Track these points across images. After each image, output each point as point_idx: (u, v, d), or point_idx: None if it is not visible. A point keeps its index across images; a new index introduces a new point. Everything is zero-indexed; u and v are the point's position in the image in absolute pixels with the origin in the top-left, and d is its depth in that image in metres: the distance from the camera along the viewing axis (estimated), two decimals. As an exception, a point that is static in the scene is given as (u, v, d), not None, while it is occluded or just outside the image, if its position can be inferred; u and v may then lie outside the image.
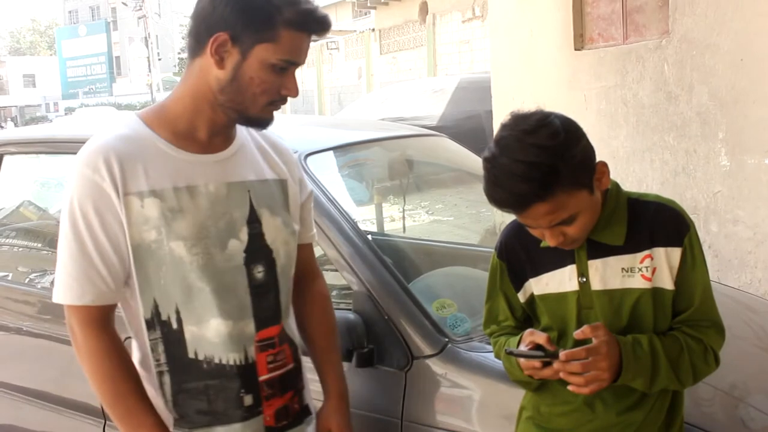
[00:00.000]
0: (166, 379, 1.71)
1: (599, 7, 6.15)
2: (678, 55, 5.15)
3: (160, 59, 47.22)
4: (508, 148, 1.57)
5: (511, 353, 1.67)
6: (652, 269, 1.68)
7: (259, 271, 1.72)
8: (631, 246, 1.69)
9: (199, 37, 1.62)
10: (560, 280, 1.73)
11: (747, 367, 2.51)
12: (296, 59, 1.65)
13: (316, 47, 28.99)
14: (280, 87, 1.65)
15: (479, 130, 8.30)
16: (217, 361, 1.69)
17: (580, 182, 1.60)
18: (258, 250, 1.72)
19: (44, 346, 2.99)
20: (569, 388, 1.62)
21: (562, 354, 1.59)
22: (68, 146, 3.35)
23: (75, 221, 1.61)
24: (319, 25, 1.66)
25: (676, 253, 1.68)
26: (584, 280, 1.71)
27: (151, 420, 1.66)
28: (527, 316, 1.84)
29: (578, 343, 1.64)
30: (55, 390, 2.94)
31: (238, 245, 1.69)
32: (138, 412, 1.66)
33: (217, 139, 1.71)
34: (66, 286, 1.64)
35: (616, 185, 1.74)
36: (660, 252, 1.68)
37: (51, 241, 3.64)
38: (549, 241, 1.65)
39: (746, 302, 3.11)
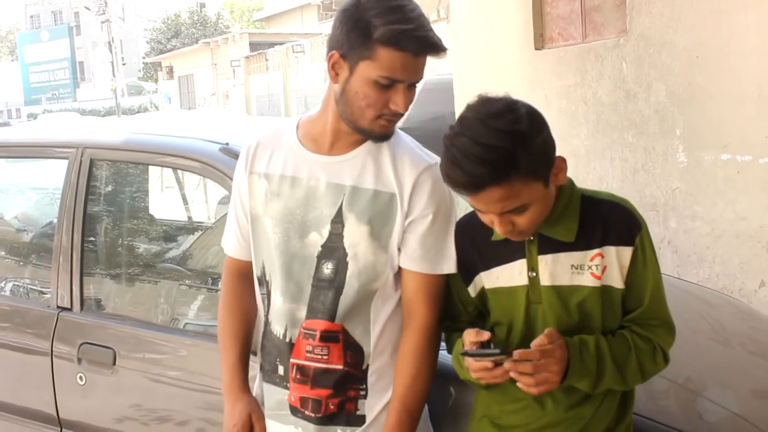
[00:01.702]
0: (264, 329, 1.97)
1: (558, 7, 6.20)
2: (636, 53, 5.20)
3: (124, 64, 46.88)
4: (471, 128, 1.57)
5: (465, 353, 1.65)
6: (602, 267, 1.68)
7: (328, 268, 1.85)
8: (582, 243, 1.69)
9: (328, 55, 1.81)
10: (510, 275, 1.73)
11: (703, 360, 2.54)
12: (398, 76, 1.73)
13: (281, 50, 28.92)
14: (387, 101, 1.76)
15: (444, 132, 8.32)
16: (271, 327, 1.93)
17: (537, 173, 1.59)
18: (334, 248, 1.85)
19: (-1, 355, 2.95)
20: (518, 385, 1.62)
21: (515, 353, 1.59)
22: (24, 151, 3.32)
23: (233, 190, 2.02)
24: (416, 44, 1.71)
25: (627, 252, 1.68)
26: (534, 274, 1.71)
27: (232, 359, 1.98)
28: (480, 311, 1.83)
29: (525, 339, 1.64)
30: (10, 399, 2.89)
31: (317, 238, 1.86)
32: (227, 349, 2.00)
33: (339, 143, 1.86)
34: (224, 237, 2.06)
35: (571, 181, 1.74)
36: (611, 251, 1.68)
37: (10, 249, 3.59)
38: (497, 228, 1.65)
39: (703, 296, 3.14)
